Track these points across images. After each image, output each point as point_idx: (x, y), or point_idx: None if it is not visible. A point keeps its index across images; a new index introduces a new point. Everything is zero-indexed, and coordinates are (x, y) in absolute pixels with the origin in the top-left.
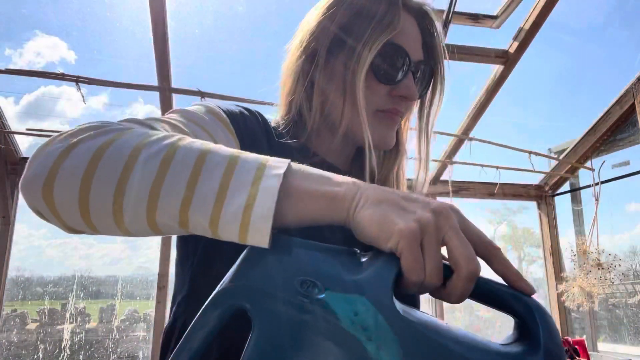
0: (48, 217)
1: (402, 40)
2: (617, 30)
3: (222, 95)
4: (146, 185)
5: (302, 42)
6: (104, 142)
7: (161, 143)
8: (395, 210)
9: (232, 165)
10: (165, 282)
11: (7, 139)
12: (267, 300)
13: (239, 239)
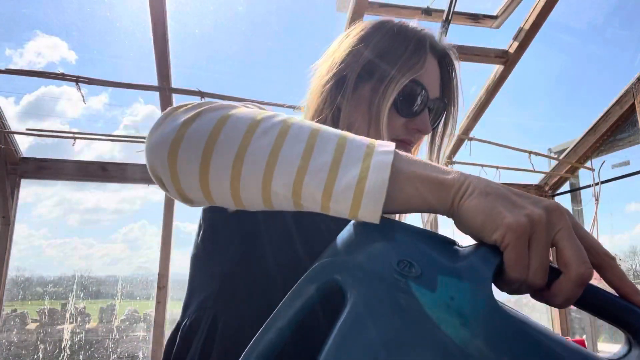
0: (166, 181)
1: (423, 78)
2: (617, 30)
3: (222, 95)
4: (264, 154)
5: (332, 67)
6: (224, 114)
7: (275, 119)
8: (505, 203)
9: (343, 141)
10: (165, 282)
11: (7, 139)
12: (363, 276)
13: (349, 211)
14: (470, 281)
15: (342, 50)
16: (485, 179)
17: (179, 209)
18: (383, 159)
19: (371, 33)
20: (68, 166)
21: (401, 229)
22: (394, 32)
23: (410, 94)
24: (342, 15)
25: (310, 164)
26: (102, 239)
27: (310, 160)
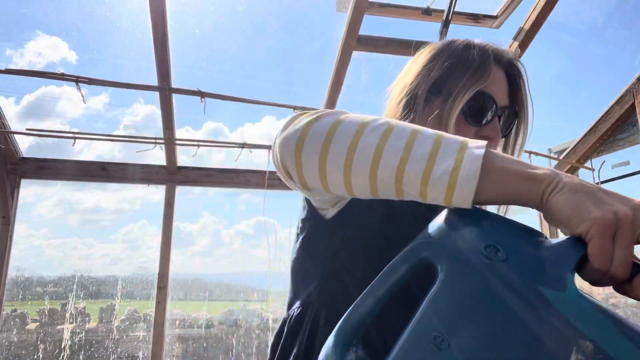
0: (292, 171)
1: (490, 89)
2: (617, 30)
3: (222, 95)
4: (371, 148)
5: (405, 88)
6: (338, 118)
7: (381, 121)
8: (593, 200)
9: (440, 138)
10: (165, 282)
11: (7, 139)
12: (453, 257)
13: (444, 196)
14: (553, 268)
15: (413, 71)
16: (577, 177)
17: (179, 209)
18: (476, 152)
19: (439, 52)
20: (68, 166)
21: (491, 218)
22: (459, 49)
23: (478, 105)
24: (342, 15)
25: (411, 156)
26: (102, 239)
27: (411, 152)
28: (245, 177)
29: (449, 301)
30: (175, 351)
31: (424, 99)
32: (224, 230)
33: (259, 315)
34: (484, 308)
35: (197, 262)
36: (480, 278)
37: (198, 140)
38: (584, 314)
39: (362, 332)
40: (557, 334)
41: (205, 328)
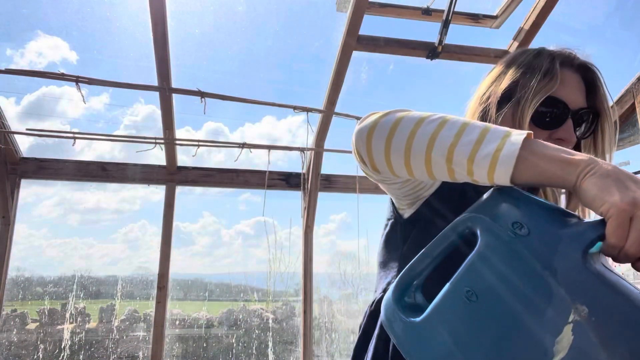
0: (364, 155)
1: (561, 93)
2: (617, 30)
3: (222, 95)
4: (428, 134)
5: (477, 101)
6: (402, 114)
7: (438, 115)
8: (619, 185)
9: (488, 127)
10: (165, 282)
11: (7, 139)
12: (488, 229)
13: (487, 174)
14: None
15: (486, 82)
16: (612, 165)
17: (179, 209)
18: (517, 138)
19: (511, 62)
20: (68, 166)
21: (524, 198)
22: (530, 57)
23: (548, 108)
24: (342, 15)
25: (460, 141)
26: (102, 239)
27: (461, 138)
28: (245, 177)
29: (481, 264)
30: (175, 351)
31: (495, 109)
32: (224, 230)
33: (259, 315)
34: (507, 272)
35: (197, 262)
36: (505, 248)
37: (198, 140)
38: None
39: (417, 283)
40: (559, 296)
41: (205, 328)
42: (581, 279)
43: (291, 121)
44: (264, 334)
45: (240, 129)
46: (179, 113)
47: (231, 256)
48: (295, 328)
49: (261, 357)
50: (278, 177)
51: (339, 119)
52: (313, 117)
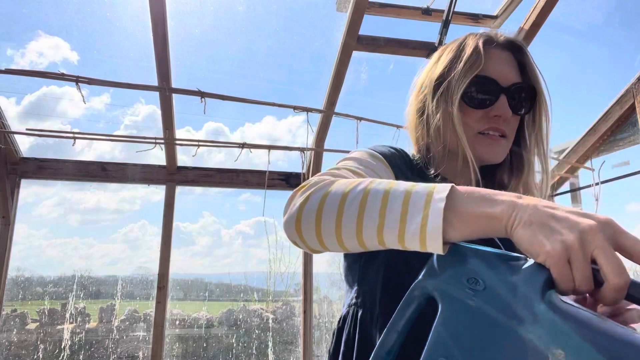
0: (299, 243)
1: (489, 71)
2: (617, 30)
3: (222, 95)
4: (353, 218)
5: (418, 90)
6: (324, 193)
7: (358, 189)
8: (545, 232)
9: (408, 197)
10: (165, 282)
11: (7, 139)
12: (447, 291)
13: (421, 248)
14: (524, 290)
15: (423, 72)
16: (532, 206)
17: (179, 209)
18: (438, 206)
19: (443, 50)
20: (68, 166)
21: (471, 253)
22: (459, 42)
23: (479, 88)
24: (342, 15)
25: (385, 222)
26: (102, 239)
27: (385, 218)
28: (245, 177)
29: (448, 330)
30: (175, 351)
31: (431, 94)
32: (224, 230)
33: (259, 315)
34: (476, 331)
35: (197, 262)
36: (467, 308)
37: (198, 140)
38: (552, 327)
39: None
40: (533, 346)
41: (205, 328)
42: (549, 322)
43: (291, 121)
44: (264, 334)
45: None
46: (180, 113)
47: (231, 256)
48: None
49: (261, 357)
50: (278, 177)
51: (339, 119)
52: (313, 117)
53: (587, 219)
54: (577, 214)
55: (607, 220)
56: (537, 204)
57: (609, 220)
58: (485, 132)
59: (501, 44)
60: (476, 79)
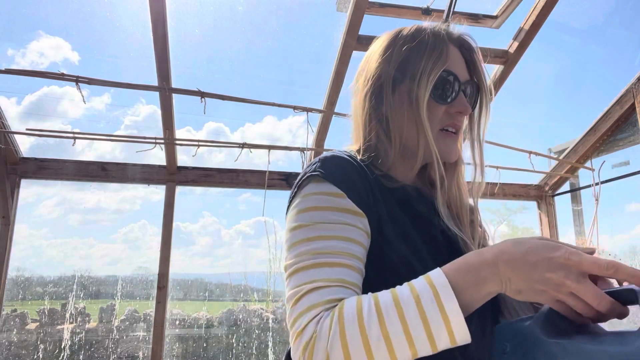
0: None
1: (451, 67)
2: (617, 30)
3: (222, 95)
4: (382, 343)
5: (367, 82)
6: (340, 325)
7: (369, 309)
8: (533, 289)
9: (419, 304)
10: (165, 282)
11: (7, 139)
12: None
13: (452, 345)
14: (533, 337)
15: (373, 62)
16: (512, 273)
17: (179, 209)
18: (450, 307)
19: (393, 40)
20: (68, 166)
21: (505, 324)
22: (412, 34)
23: (444, 83)
24: (342, 15)
25: (413, 337)
26: (103, 239)
27: (411, 335)
28: (245, 177)
29: None
30: (175, 351)
31: (391, 87)
32: (224, 230)
33: (259, 315)
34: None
35: (197, 262)
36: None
37: (198, 140)
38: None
39: None
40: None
41: (205, 328)
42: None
43: (292, 121)
44: (264, 334)
45: (241, 129)
46: (180, 113)
47: (231, 256)
48: None
49: (261, 357)
50: (278, 177)
51: (339, 119)
52: (313, 117)
53: (553, 271)
54: (550, 268)
55: (567, 264)
56: (515, 268)
57: (568, 262)
58: (446, 128)
59: (454, 39)
60: (443, 74)
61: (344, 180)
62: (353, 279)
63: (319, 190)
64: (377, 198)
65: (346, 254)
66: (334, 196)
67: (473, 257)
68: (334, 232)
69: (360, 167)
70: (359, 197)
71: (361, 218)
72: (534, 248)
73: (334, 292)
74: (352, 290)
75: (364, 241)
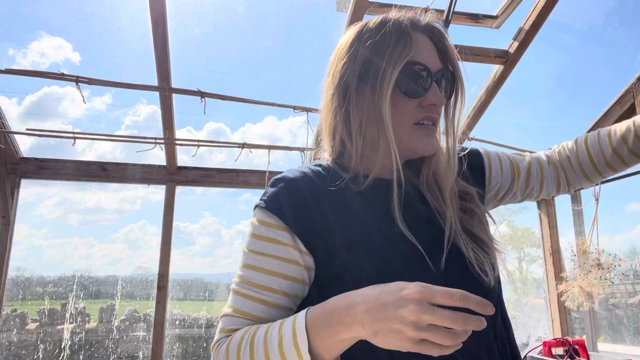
0: None
1: (418, 57)
2: (617, 30)
3: (222, 95)
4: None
5: (334, 81)
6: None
7: None
8: (394, 334)
9: (280, 346)
10: (165, 282)
11: (7, 139)
12: None
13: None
14: None
15: (338, 61)
16: (365, 316)
17: (179, 209)
18: (304, 349)
19: (358, 35)
20: (68, 166)
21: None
22: (375, 27)
23: (411, 75)
24: (342, 15)
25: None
26: (103, 239)
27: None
28: (245, 177)
29: None
30: (175, 351)
31: (355, 87)
32: (224, 230)
33: None
34: None
35: (197, 262)
36: None
37: (198, 140)
38: None
39: None
40: None
41: (205, 328)
42: None
43: (292, 121)
44: None
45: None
46: (181, 113)
47: (231, 256)
48: None
49: None
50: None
51: None
52: (313, 117)
53: (405, 306)
54: (402, 304)
55: (418, 297)
56: (369, 310)
57: (419, 295)
58: (421, 122)
59: (422, 28)
60: (408, 65)
61: (283, 210)
62: (253, 310)
63: (259, 219)
64: (327, 223)
65: (259, 286)
66: (269, 227)
67: (339, 301)
68: (259, 263)
69: (310, 188)
70: (299, 228)
71: (292, 250)
72: (387, 288)
73: (234, 322)
74: (249, 320)
75: (290, 272)
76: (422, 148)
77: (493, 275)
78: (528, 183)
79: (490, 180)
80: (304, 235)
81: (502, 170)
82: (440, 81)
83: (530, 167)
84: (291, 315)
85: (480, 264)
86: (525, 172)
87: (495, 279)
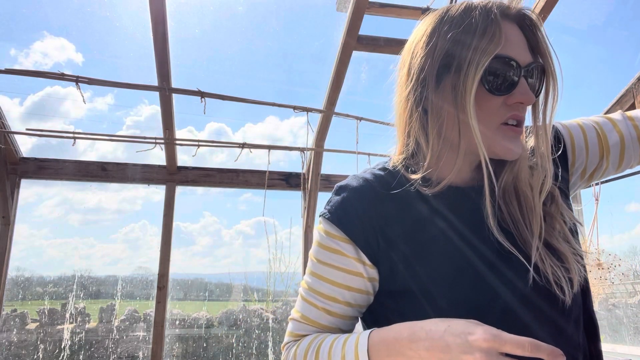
0: None
1: (508, 50)
2: (617, 30)
3: (222, 95)
4: None
5: (410, 76)
6: None
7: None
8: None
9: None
10: (165, 282)
11: (8, 139)
12: None
13: None
14: None
15: (416, 55)
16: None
17: (179, 209)
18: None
19: (438, 25)
20: (68, 166)
21: None
22: (458, 16)
23: (498, 71)
24: (342, 15)
25: None
26: (103, 238)
27: None
28: (245, 177)
29: None
30: (175, 351)
31: (434, 82)
32: (224, 230)
33: (259, 315)
34: None
35: (197, 262)
36: None
37: (198, 140)
38: None
39: None
40: None
41: (205, 328)
42: None
43: (293, 122)
44: (264, 334)
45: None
46: (182, 113)
47: (231, 256)
48: None
49: (261, 357)
50: (278, 177)
51: (339, 119)
52: (313, 117)
53: (472, 354)
54: (467, 350)
55: (486, 347)
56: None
57: (487, 344)
58: (507, 122)
59: (512, 15)
60: (494, 60)
61: (346, 223)
62: (318, 318)
63: (324, 228)
64: (392, 234)
65: (323, 295)
66: (333, 238)
67: (403, 331)
68: (323, 273)
69: (375, 197)
70: (362, 241)
71: (355, 262)
72: (453, 328)
73: (300, 327)
74: (315, 328)
75: (353, 283)
76: (505, 152)
77: (571, 292)
78: (623, 157)
79: (574, 162)
80: (368, 249)
81: (588, 147)
82: (529, 77)
83: (624, 140)
84: (354, 333)
85: (556, 279)
86: (619, 148)
87: (576, 293)
